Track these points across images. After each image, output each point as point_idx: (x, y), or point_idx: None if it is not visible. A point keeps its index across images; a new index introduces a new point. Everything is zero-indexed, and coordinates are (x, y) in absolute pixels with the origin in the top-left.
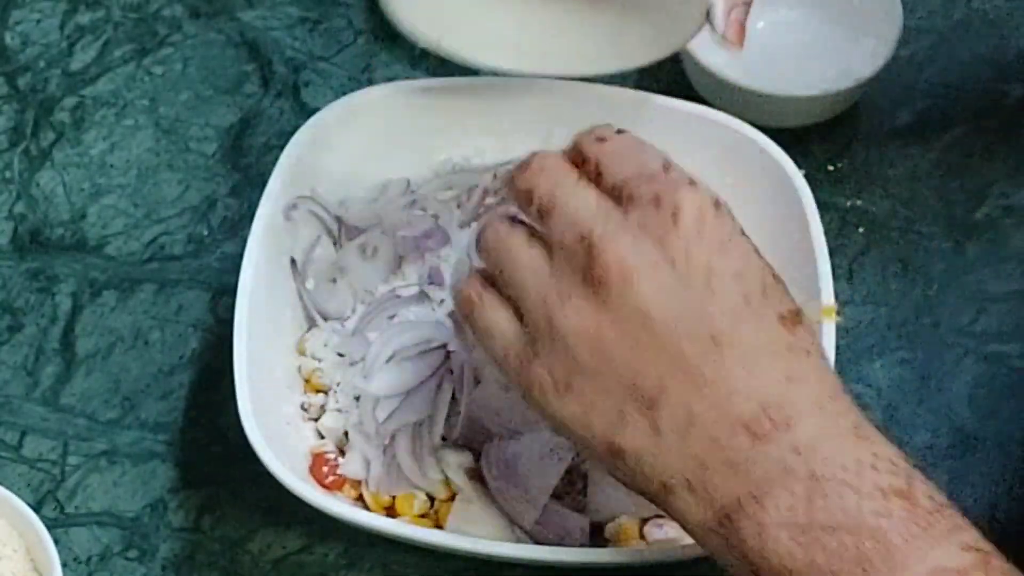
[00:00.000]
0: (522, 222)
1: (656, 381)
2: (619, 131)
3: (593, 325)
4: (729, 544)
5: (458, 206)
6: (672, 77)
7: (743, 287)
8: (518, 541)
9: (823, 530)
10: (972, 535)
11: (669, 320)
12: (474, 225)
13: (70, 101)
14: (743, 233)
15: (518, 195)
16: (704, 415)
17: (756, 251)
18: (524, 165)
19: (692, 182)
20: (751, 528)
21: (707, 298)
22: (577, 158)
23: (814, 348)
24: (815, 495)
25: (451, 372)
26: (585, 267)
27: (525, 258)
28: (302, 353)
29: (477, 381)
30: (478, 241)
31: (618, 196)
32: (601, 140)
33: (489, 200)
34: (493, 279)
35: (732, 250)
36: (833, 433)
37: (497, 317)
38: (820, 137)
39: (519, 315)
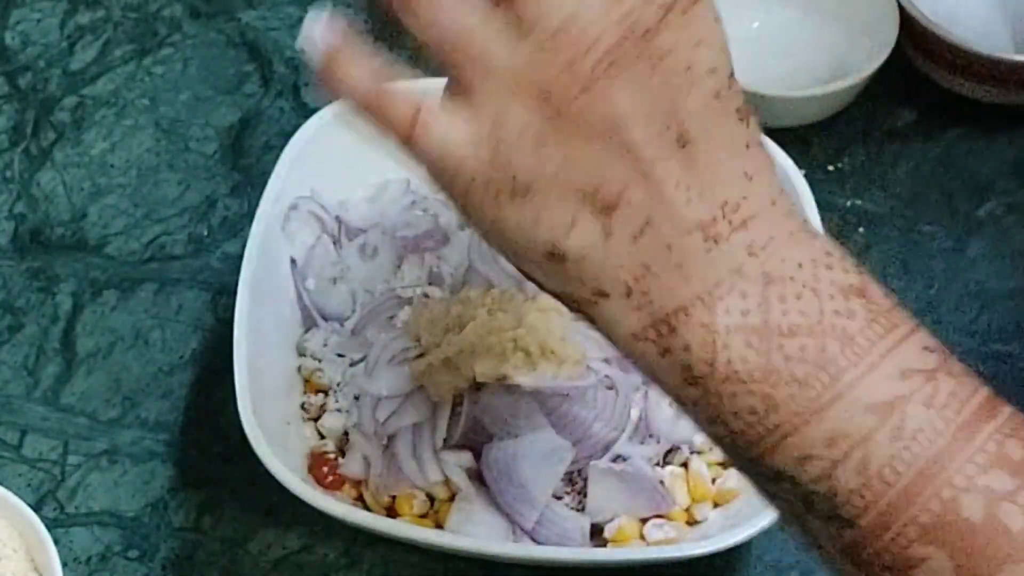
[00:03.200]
0: None
1: (619, 187)
2: None
3: (568, 123)
4: (665, 351)
5: None
6: None
7: (715, 83)
8: (518, 541)
9: (781, 333)
10: (926, 336)
11: (642, 122)
12: None
13: (70, 101)
14: (717, 18)
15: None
16: (661, 220)
17: (725, 39)
18: None
19: None
20: (697, 333)
21: (681, 97)
22: None
23: (762, 140)
24: (771, 297)
25: None
26: (570, 60)
27: (482, 39)
28: (302, 353)
29: (477, 384)
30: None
31: None
32: None
33: None
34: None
35: (712, 42)
36: (785, 231)
37: (452, 126)
38: (820, 137)
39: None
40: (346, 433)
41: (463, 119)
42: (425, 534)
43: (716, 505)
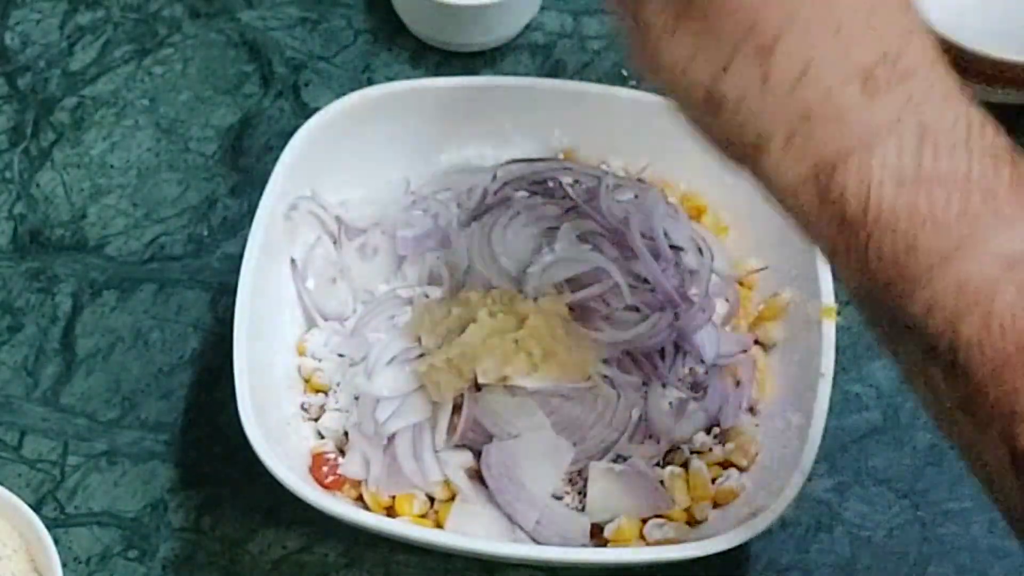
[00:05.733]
0: None
1: (775, 26)
2: None
3: None
4: (823, 198)
5: (458, 206)
6: None
7: None
8: (518, 541)
9: (930, 181)
10: None
11: None
12: (474, 225)
13: (70, 101)
14: None
15: None
16: (820, 63)
17: None
18: None
19: None
20: (854, 179)
21: None
22: None
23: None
24: (925, 149)
25: None
26: None
27: None
28: (302, 353)
29: (478, 385)
30: None
31: None
32: None
33: (489, 200)
34: None
35: None
36: (942, 90)
37: None
38: None
39: None
40: (346, 433)
41: None
42: (425, 534)
43: (716, 505)
